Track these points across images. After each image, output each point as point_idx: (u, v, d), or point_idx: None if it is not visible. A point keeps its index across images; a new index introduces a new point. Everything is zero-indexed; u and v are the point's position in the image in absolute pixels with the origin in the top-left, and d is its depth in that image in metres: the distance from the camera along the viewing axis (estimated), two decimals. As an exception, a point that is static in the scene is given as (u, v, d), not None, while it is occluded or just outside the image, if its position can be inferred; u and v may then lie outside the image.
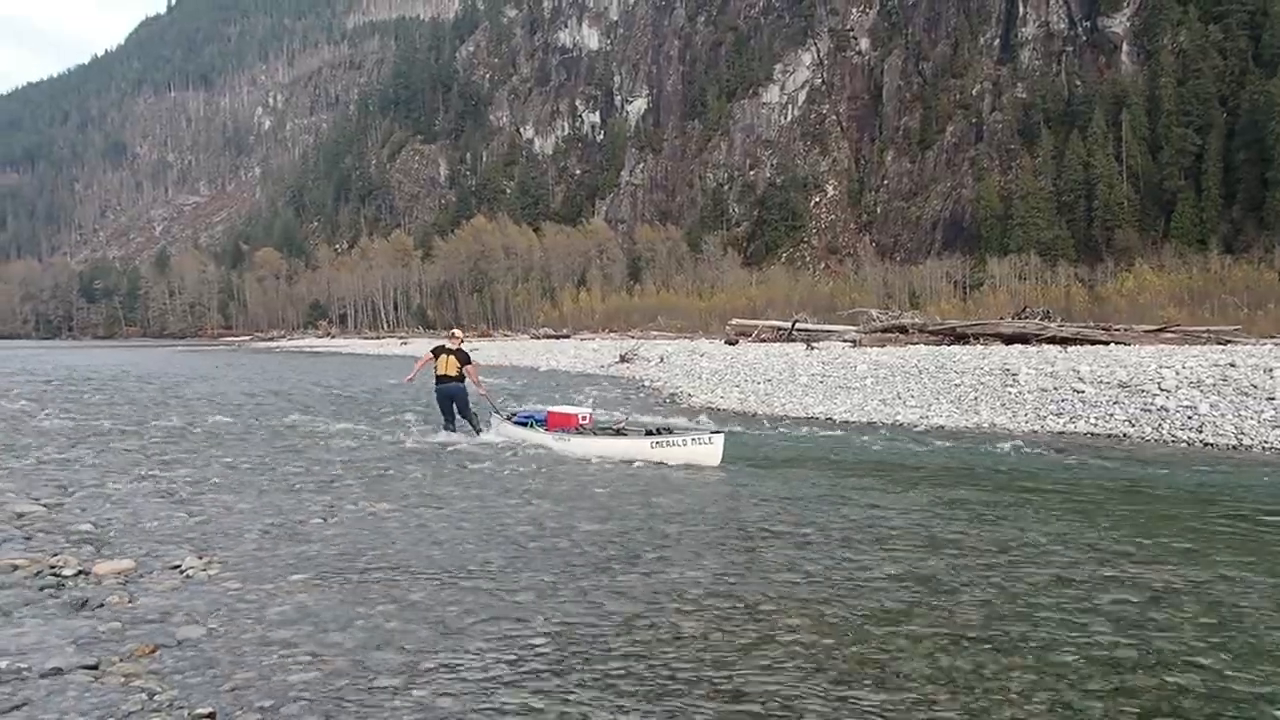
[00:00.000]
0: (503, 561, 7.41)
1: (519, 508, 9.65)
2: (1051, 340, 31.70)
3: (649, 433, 14.70)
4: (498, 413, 16.88)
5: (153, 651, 5.35)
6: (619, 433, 14.96)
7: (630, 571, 7.15)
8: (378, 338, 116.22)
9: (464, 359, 16.34)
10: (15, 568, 6.88)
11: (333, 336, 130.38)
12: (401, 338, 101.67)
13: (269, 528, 8.49)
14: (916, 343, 34.68)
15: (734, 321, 57.62)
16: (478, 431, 16.04)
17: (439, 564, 7.32)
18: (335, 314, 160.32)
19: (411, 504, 9.77)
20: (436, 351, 16.50)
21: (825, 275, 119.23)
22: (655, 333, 73.20)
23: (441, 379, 16.24)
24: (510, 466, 12.56)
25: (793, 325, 47.02)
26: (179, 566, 7.06)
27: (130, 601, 6.26)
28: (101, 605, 6.16)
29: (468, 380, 16.37)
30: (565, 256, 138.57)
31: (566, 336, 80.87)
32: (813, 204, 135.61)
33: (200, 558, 7.29)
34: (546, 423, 15.58)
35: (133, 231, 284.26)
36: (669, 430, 14.69)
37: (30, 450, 13.59)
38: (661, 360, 37.56)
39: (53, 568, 6.88)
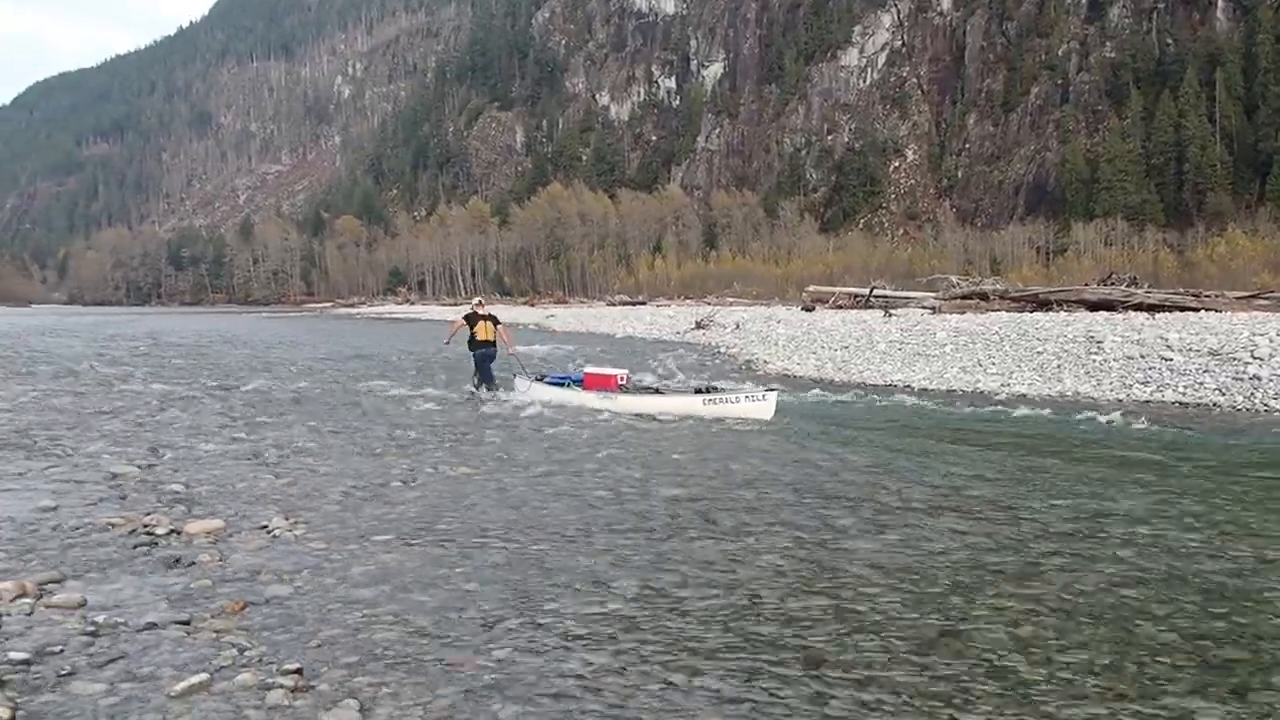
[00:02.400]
0: (580, 525, 7.48)
1: (596, 472, 9.72)
2: (1138, 307, 30.86)
3: (699, 390, 15.06)
4: (525, 374, 17.27)
5: (242, 609, 5.50)
6: (658, 392, 15.45)
7: (707, 536, 7.16)
8: (455, 304, 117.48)
9: (496, 322, 17.39)
10: (111, 526, 7.12)
11: (411, 303, 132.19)
12: (478, 304, 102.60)
13: (352, 490, 8.66)
14: (997, 309, 34.04)
15: (810, 288, 57.07)
16: (495, 395, 16.68)
17: (517, 527, 7.41)
18: (414, 280, 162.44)
19: (490, 468, 9.91)
20: (470, 319, 17.34)
21: (904, 241, 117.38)
22: (731, 299, 72.87)
23: (481, 344, 17.18)
24: (588, 432, 12.64)
25: (870, 291, 46.44)
26: (266, 527, 7.24)
27: (220, 560, 6.44)
28: (193, 563, 6.35)
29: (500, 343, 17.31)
30: (641, 223, 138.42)
31: (642, 303, 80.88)
32: (891, 169, 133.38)
33: (287, 518, 7.47)
34: (584, 383, 15.96)
35: (218, 200, 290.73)
36: (715, 388, 15.05)
37: (124, 413, 14.05)
38: (737, 327, 37.41)
39: (146, 527, 7.10)
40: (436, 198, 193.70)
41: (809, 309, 45.94)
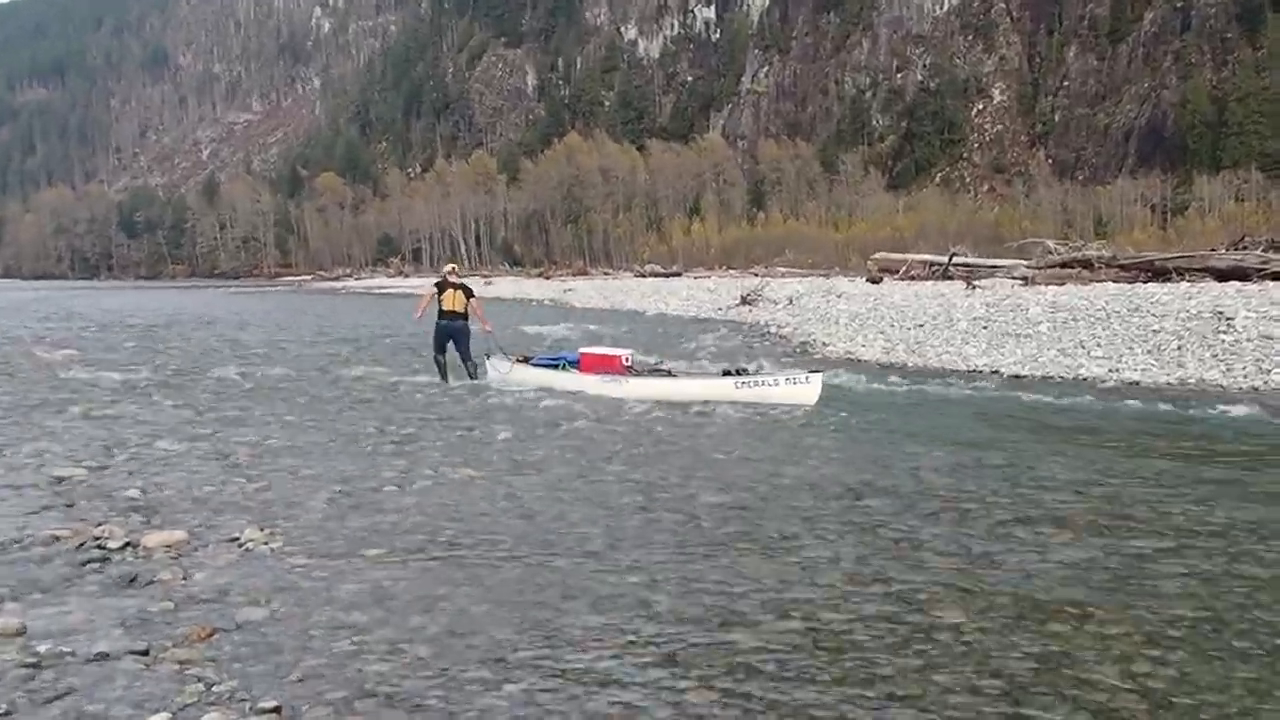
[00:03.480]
0: (606, 538, 7.50)
1: (623, 474, 9.75)
2: (1277, 276, 30.50)
3: (727, 373, 15.30)
4: (502, 354, 17.54)
5: (209, 635, 5.55)
6: (669, 374, 15.76)
7: (756, 551, 7.16)
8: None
9: (468, 293, 17.54)
10: (55, 539, 7.20)
11: (405, 275, 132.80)
12: (485, 276, 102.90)
13: (337, 496, 8.73)
14: (1103, 280, 33.76)
15: (877, 256, 56.79)
16: (474, 375, 17.11)
17: (532, 540, 7.45)
18: (407, 249, 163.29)
19: (500, 469, 9.96)
20: (439, 286, 17.62)
21: (989, 199, 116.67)
22: (782, 269, 72.66)
23: (446, 315, 17.40)
24: (612, 426, 12.70)
25: (949, 260, 46.18)
26: (237, 539, 7.30)
27: (183, 578, 6.51)
28: (151, 582, 6.41)
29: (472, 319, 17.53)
30: (675, 180, 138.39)
31: (677, 274, 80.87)
32: (974, 112, 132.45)
33: (261, 529, 7.53)
34: (580, 365, 16.23)
35: (177, 155, 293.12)
36: (744, 370, 15.34)
37: (70, 405, 14.19)
38: (790, 302, 37.33)
39: (97, 539, 7.18)
40: (433, 151, 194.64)
41: (875, 280, 45.74)
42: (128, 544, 7.13)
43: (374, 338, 28.70)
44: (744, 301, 39.95)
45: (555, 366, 16.79)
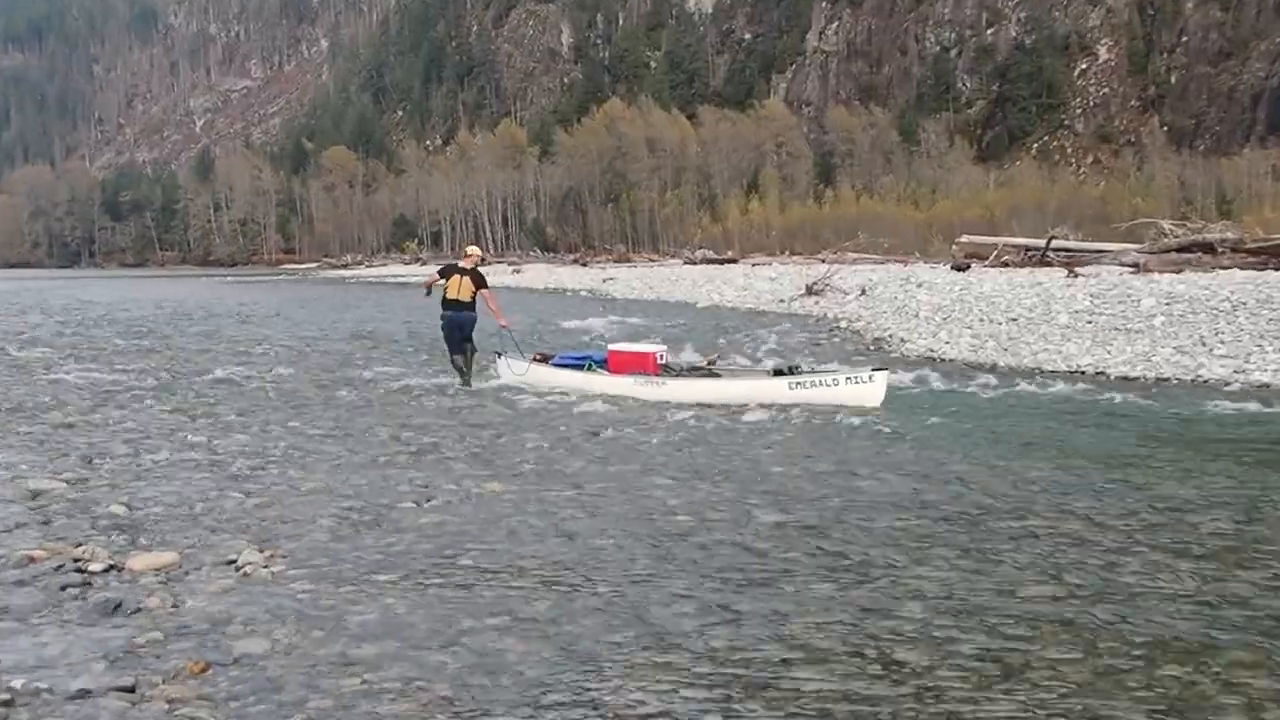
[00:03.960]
0: (651, 563, 7.49)
1: (673, 490, 9.75)
2: None
3: (779, 372, 15.51)
4: (517, 352, 17.64)
5: (203, 670, 5.58)
6: (711, 374, 16.02)
7: (825, 579, 7.13)
8: (482, 262, 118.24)
9: (479, 282, 17.52)
10: (31, 560, 7.26)
11: (423, 262, 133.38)
12: (513, 263, 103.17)
13: (347, 513, 8.78)
14: (1228, 266, 33.37)
15: (964, 239, 56.41)
16: (467, 379, 17.25)
17: (567, 565, 7.45)
18: (426, 232, 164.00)
19: (530, 483, 9.99)
20: (446, 272, 17.75)
21: (1094, 173, 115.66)
22: (854, 255, 72.20)
23: (450, 304, 17.41)
24: (655, 434, 12.72)
25: (1047, 243, 45.79)
26: (234, 561, 7.35)
27: (174, 606, 6.55)
28: (138, 610, 6.45)
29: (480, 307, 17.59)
30: (731, 152, 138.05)
31: (733, 261, 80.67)
32: (1077, 73, 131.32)
33: (261, 551, 7.58)
34: (608, 364, 16.40)
35: (167, 127, 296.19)
36: (796, 369, 15.57)
37: (48, 411, 14.38)
38: (863, 293, 37.14)
39: (77, 561, 7.23)
40: (455, 122, 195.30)
41: (961, 267, 45.44)
42: (111, 566, 7.18)
43: (388, 334, 28.87)
44: (809, 292, 39.80)
45: (580, 367, 16.93)
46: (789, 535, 8.21)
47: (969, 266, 45.54)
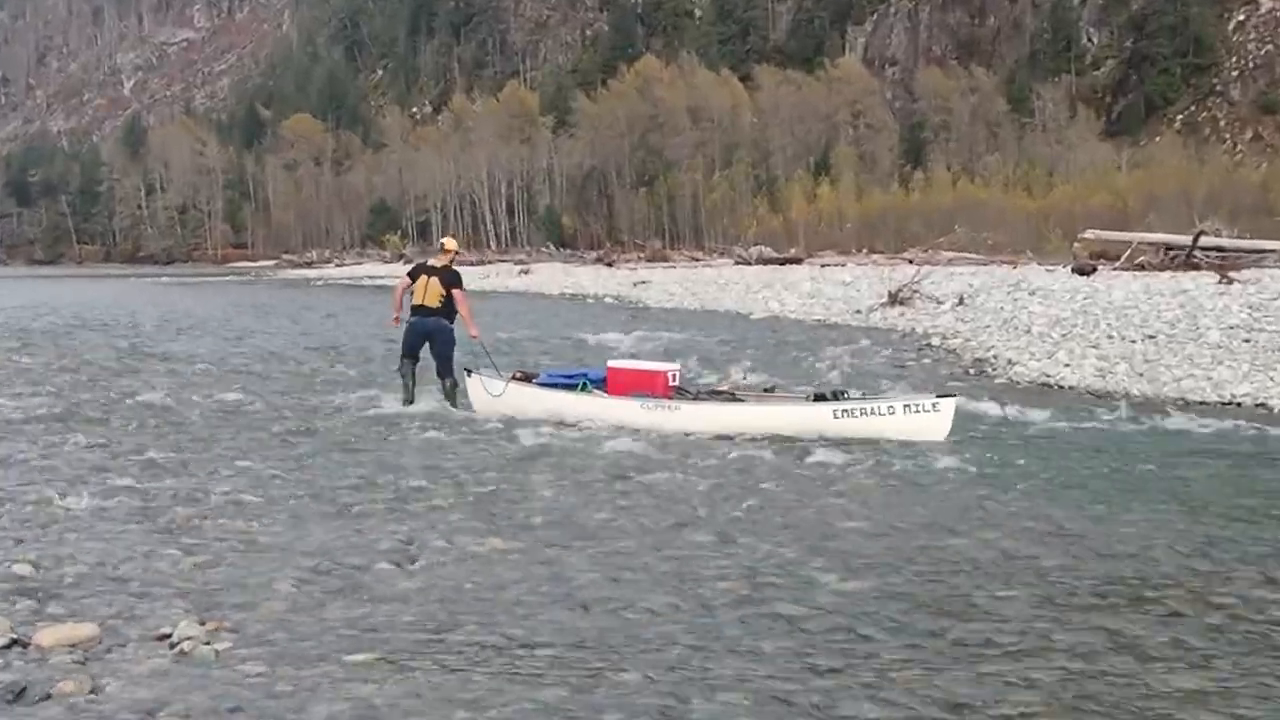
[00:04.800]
0: (691, 642, 7.48)
1: (718, 549, 9.76)
2: None
3: (821, 397, 15.74)
4: (491, 369, 17.82)
5: (130, 773, 5.60)
6: (733, 398, 16.19)
7: (910, 664, 7.09)
8: (481, 262, 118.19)
9: (450, 280, 17.83)
10: (-87, 632, 7.30)
11: (408, 259, 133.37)
12: (520, 262, 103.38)
13: (311, 576, 8.81)
14: None
15: (1088, 234, 56.27)
16: (453, 400, 17.59)
17: (586, 643, 7.44)
18: (412, 223, 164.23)
19: (540, 540, 10.01)
20: (414, 270, 18.24)
21: (1254, 152, 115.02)
22: (949, 254, 72.12)
23: (417, 310, 17.85)
24: (697, 478, 12.72)
25: (1194, 241, 45.66)
26: (169, 636, 7.35)
27: (92, 691, 6.56)
28: (48, 696, 6.47)
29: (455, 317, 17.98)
30: (795, 124, 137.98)
31: (797, 261, 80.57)
32: (1233, 26, 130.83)
33: (202, 623, 7.58)
34: (606, 384, 16.60)
35: (87, 89, 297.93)
36: (844, 394, 15.82)
37: (-63, 443, 14.46)
38: (961, 301, 37.04)
39: None
40: (449, 84, 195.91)
41: (1085, 270, 45.36)
42: (14, 641, 7.19)
43: (363, 351, 28.91)
44: (894, 300, 39.69)
45: (571, 387, 17.03)
46: (863, 608, 8.16)
47: (1095, 269, 45.45)
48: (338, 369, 24.27)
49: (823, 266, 71.87)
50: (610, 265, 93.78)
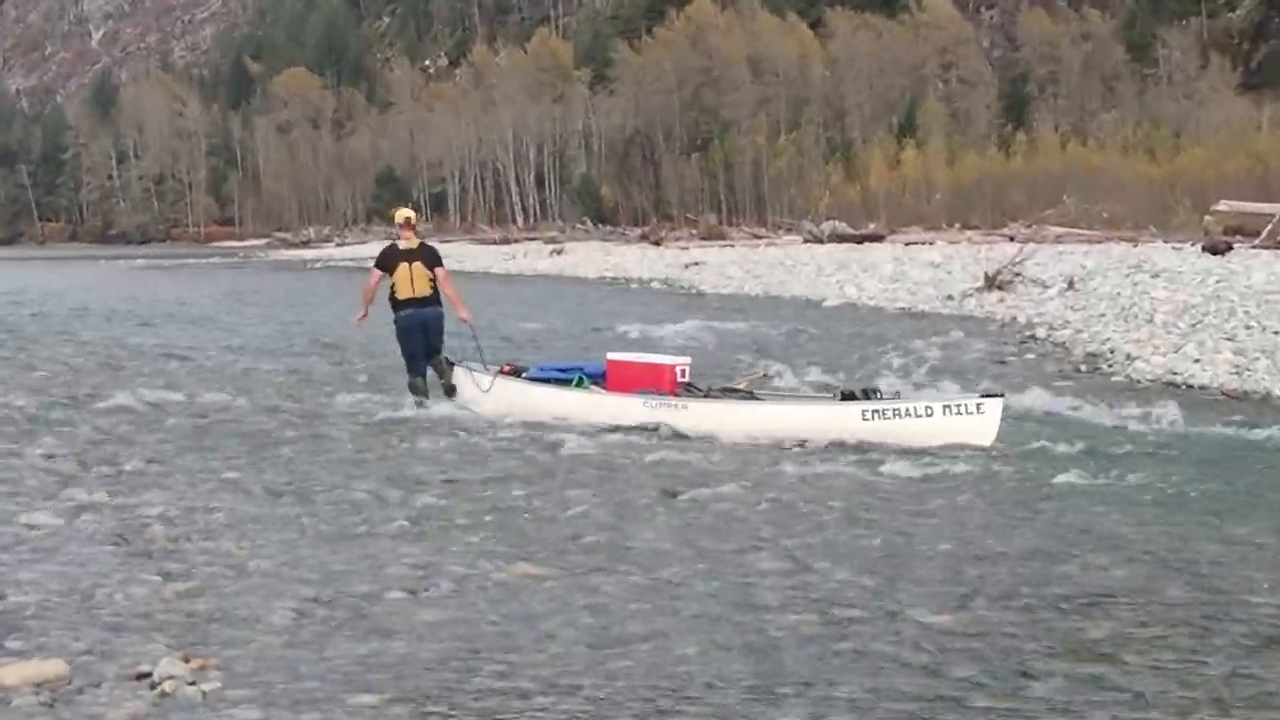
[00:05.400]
0: (753, 684, 7.46)
1: (786, 576, 9.76)
2: None
3: (849, 396, 15.95)
4: (479, 362, 18.32)
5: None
6: (750, 396, 16.52)
7: (1015, 714, 7.05)
8: (505, 240, 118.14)
9: (434, 260, 18.42)
10: None
11: (420, 238, 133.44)
12: (552, 240, 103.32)
13: (311, 606, 8.85)
14: None
15: (1222, 206, 55.97)
16: (450, 386, 18.10)
17: (631, 684, 7.43)
18: (424, 194, 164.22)
19: (576, 564, 10.03)
20: (385, 259, 18.62)
21: None
22: (1057, 229, 71.75)
23: (409, 303, 18.17)
24: (764, 496, 12.68)
25: (1349, 214, 45.36)
26: (149, 675, 7.36)
27: (61, 737, 6.63)
28: (11, 743, 6.56)
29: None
30: (874, 77, 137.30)
31: (877, 238, 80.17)
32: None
33: (186, 660, 7.59)
34: (606, 380, 16.98)
35: (50, 41, 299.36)
36: (875, 393, 16.01)
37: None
38: (1070, 286, 36.88)
39: None
40: (469, 34, 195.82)
41: (1219, 249, 45.07)
42: (-28, 680, 7.26)
43: (370, 346, 28.94)
44: (991, 284, 39.57)
45: (565, 382, 17.32)
46: (956, 646, 8.12)
47: (1230, 247, 45.14)
48: (342, 367, 24.33)
49: (907, 245, 71.49)
50: (657, 244, 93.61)
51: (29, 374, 23.31)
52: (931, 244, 70.27)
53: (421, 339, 18.20)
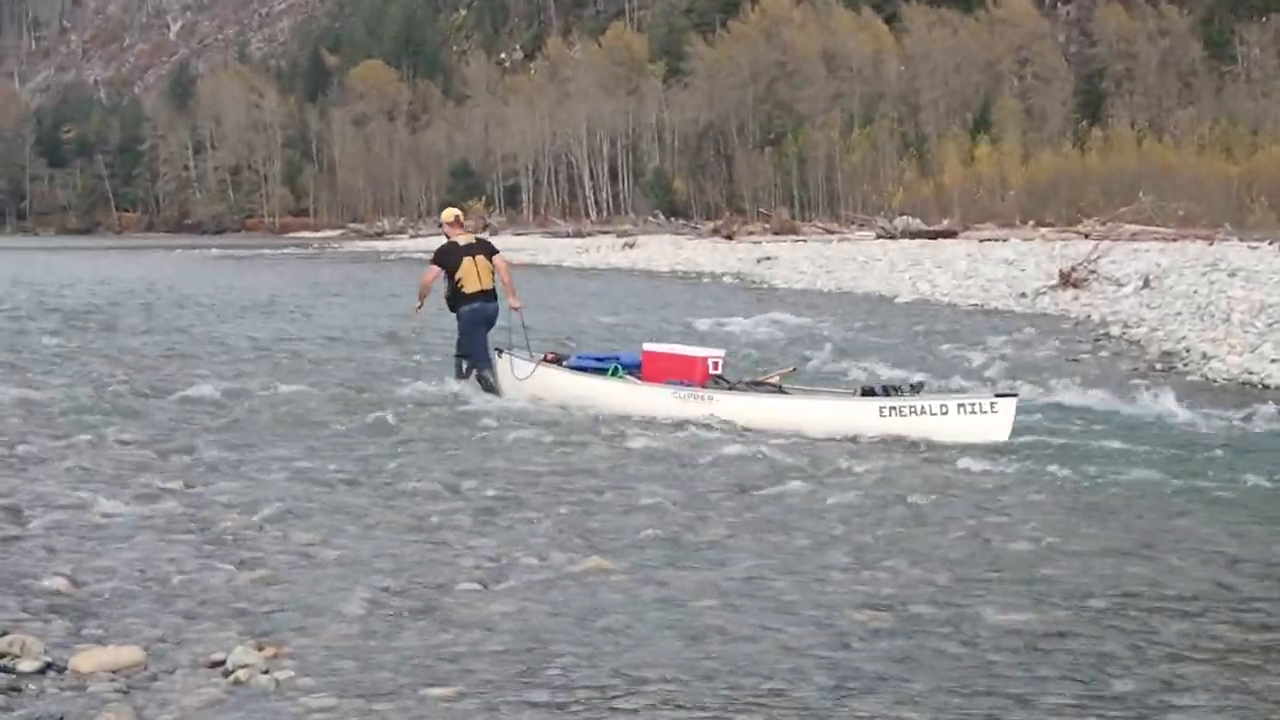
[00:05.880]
0: (826, 681, 7.43)
1: (858, 573, 9.72)
2: None
3: (869, 392, 16.45)
4: (524, 350, 18.70)
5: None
6: (778, 389, 17.08)
7: (1087, 712, 7.02)
8: (578, 234, 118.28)
9: (492, 252, 18.94)
10: (-64, 653, 7.41)
11: (493, 230, 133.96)
12: (624, 234, 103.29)
13: (383, 596, 8.85)
14: None
15: (1302, 204, 55.54)
16: (488, 383, 18.39)
17: (702, 678, 7.39)
18: (498, 187, 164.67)
19: (648, 558, 10.02)
20: (446, 256, 18.79)
21: None
22: (1132, 227, 71.30)
23: (476, 296, 18.56)
24: (838, 493, 12.63)
25: None
26: (222, 663, 7.38)
27: (137, 725, 6.65)
28: (86, 729, 6.56)
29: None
30: (950, 73, 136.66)
31: (951, 234, 79.90)
32: None
33: (260, 648, 7.60)
34: (641, 370, 17.47)
35: (129, 33, 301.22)
36: (896, 389, 16.45)
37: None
38: (1146, 284, 36.68)
39: (1, 656, 7.32)
40: (544, 26, 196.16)
41: (1296, 248, 44.80)
42: (49, 665, 7.26)
43: (438, 337, 29.06)
44: (1065, 282, 39.40)
45: (602, 371, 17.75)
46: (1029, 647, 8.07)
47: (1309, 246, 44.86)
48: (415, 359, 24.35)
49: (981, 241, 71.29)
50: (729, 238, 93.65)
51: (106, 362, 23.43)
52: (1005, 241, 70.01)
53: (484, 332, 18.64)
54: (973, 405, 15.40)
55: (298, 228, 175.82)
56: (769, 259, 65.12)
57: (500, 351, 18.78)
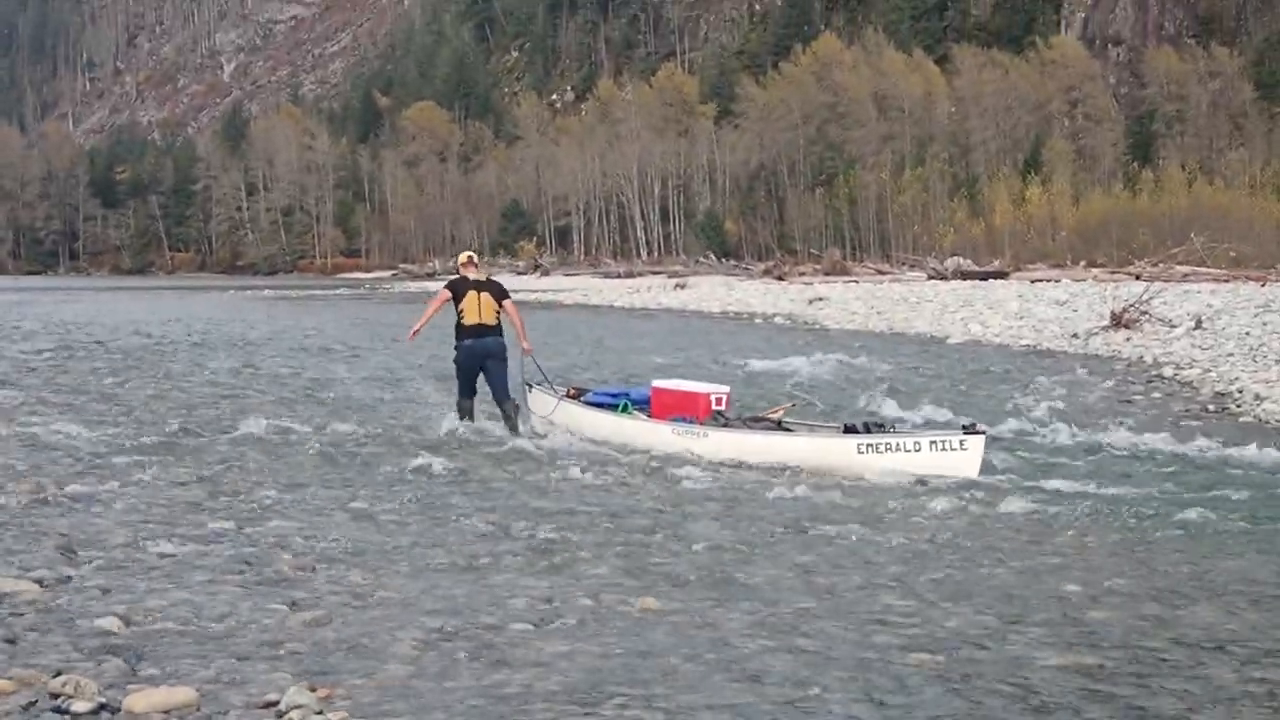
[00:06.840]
0: (879, 722, 7.43)
1: (912, 614, 9.70)
2: None
3: (850, 429, 16.90)
4: (548, 385, 19.56)
5: None
6: (780, 426, 17.59)
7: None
8: (629, 274, 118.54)
9: (501, 294, 19.14)
10: (-8, 693, 7.44)
11: (544, 271, 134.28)
12: (675, 274, 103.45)
13: (436, 637, 8.85)
14: None
15: (1353, 245, 55.22)
16: (514, 426, 18.63)
17: (757, 719, 7.40)
18: (549, 228, 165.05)
19: (701, 599, 10.01)
20: (455, 284, 19.26)
21: None
22: (1184, 268, 71.21)
23: (470, 330, 18.96)
24: (893, 533, 12.65)
25: None
26: (276, 704, 7.39)
27: (190, 766, 6.68)
28: (140, 769, 6.60)
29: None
30: (1000, 114, 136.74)
31: (1002, 275, 79.87)
32: None
33: (313, 689, 7.62)
34: (650, 406, 18.10)
35: (182, 74, 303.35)
36: (880, 427, 17.01)
37: (10, 481, 14.69)
38: (1198, 325, 36.57)
39: (55, 697, 7.36)
40: (595, 68, 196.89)
41: (1353, 289, 44.57)
42: (103, 706, 7.27)
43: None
44: (1117, 323, 39.31)
45: (613, 407, 18.44)
46: (1083, 689, 8.04)
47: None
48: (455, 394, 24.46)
49: (1032, 282, 71.18)
50: (780, 279, 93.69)
51: (160, 402, 23.55)
52: (1057, 282, 69.90)
53: (478, 368, 19.03)
54: (944, 442, 15.91)
55: (349, 268, 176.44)
56: (820, 300, 65.17)
57: (530, 386, 19.59)
